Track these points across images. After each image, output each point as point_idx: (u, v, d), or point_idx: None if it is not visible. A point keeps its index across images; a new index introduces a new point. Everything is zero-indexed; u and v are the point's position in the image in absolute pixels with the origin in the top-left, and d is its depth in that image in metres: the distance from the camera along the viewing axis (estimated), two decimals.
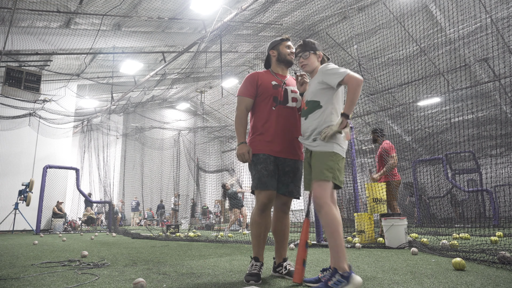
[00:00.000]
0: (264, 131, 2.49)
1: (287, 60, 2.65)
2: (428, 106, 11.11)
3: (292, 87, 2.62)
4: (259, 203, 2.43)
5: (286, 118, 2.52)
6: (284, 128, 2.50)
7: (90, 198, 12.55)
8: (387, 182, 5.32)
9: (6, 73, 9.08)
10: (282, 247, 2.58)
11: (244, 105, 2.55)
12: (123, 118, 15.57)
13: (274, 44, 2.69)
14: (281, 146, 2.47)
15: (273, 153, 2.46)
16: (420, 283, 2.19)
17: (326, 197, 2.10)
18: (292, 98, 2.57)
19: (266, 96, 2.53)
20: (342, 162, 2.20)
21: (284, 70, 2.70)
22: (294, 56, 2.52)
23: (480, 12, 7.65)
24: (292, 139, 2.52)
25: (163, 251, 4.51)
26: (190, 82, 14.04)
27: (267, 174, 2.41)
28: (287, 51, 2.65)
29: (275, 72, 2.67)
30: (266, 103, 2.53)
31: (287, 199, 2.55)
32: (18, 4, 7.45)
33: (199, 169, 12.07)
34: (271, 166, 2.43)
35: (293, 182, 2.52)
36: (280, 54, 2.66)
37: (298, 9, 8.81)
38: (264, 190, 2.41)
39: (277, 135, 2.48)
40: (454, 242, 4.16)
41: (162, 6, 8.90)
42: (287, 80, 2.65)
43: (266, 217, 2.47)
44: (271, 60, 2.71)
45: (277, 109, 2.51)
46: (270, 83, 2.56)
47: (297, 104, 2.60)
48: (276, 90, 2.54)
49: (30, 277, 2.56)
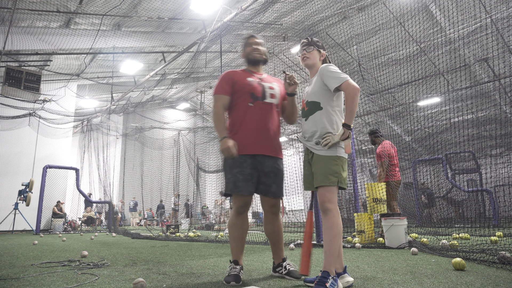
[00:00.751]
0: (241, 129, 2.44)
1: (250, 59, 2.62)
2: (428, 106, 11.11)
3: (269, 84, 2.56)
4: (236, 207, 2.43)
5: (264, 114, 2.47)
6: (262, 124, 2.44)
7: (90, 198, 12.55)
8: (387, 182, 5.33)
9: (6, 73, 9.08)
10: (279, 248, 2.55)
11: (221, 102, 2.48)
12: (123, 118, 15.57)
13: (243, 46, 2.68)
14: (259, 144, 2.42)
15: (250, 151, 2.40)
16: (420, 283, 2.19)
17: (334, 202, 2.11)
18: (270, 94, 2.52)
19: (243, 93, 2.48)
20: (345, 163, 2.20)
21: (257, 68, 2.65)
22: (300, 50, 2.46)
23: (480, 12, 7.65)
24: (270, 136, 2.47)
25: (163, 251, 4.51)
26: (190, 82, 14.03)
27: (243, 178, 2.36)
28: (250, 49, 2.61)
29: (249, 70, 2.64)
30: (243, 100, 2.48)
31: (273, 201, 2.48)
32: (18, 4, 7.45)
33: (199, 169, 12.08)
34: (248, 170, 2.38)
35: (275, 183, 2.46)
36: (246, 54, 2.65)
37: (298, 9, 8.81)
38: (239, 194, 2.39)
39: (255, 132, 2.43)
40: (454, 242, 4.16)
41: (162, 6, 8.90)
42: (264, 77, 2.61)
43: (243, 219, 2.47)
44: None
45: (254, 105, 2.46)
46: (246, 80, 2.52)
47: (275, 101, 2.54)
48: (253, 86, 2.49)
49: (30, 277, 2.56)
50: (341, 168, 2.14)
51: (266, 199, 2.48)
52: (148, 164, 16.87)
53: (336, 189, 2.14)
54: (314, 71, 2.38)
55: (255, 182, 2.43)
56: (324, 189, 2.12)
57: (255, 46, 2.62)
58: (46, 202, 10.78)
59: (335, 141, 2.11)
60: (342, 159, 2.16)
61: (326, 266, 2.01)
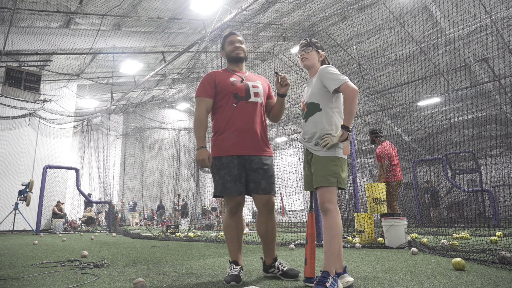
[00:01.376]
0: (226, 130, 2.41)
1: (231, 57, 2.57)
2: (428, 106, 11.11)
3: (252, 83, 2.53)
4: (229, 207, 2.43)
5: (249, 114, 2.43)
6: (248, 124, 2.41)
7: (90, 198, 12.55)
8: (387, 182, 5.33)
9: (6, 73, 9.08)
10: (270, 248, 2.51)
11: (204, 106, 2.44)
12: (123, 118, 15.58)
13: (222, 44, 2.65)
14: (245, 144, 2.39)
15: (237, 152, 2.38)
16: (420, 283, 2.19)
17: (334, 202, 2.11)
18: (254, 93, 2.48)
19: (226, 94, 2.44)
20: (345, 164, 2.20)
21: (240, 66, 2.61)
22: (299, 51, 2.44)
23: (480, 12, 7.65)
24: (256, 135, 2.44)
25: (163, 251, 4.51)
26: (190, 82, 14.04)
27: (231, 179, 2.35)
28: (230, 48, 2.57)
29: (231, 69, 2.60)
30: (226, 101, 2.44)
31: (265, 198, 2.42)
32: (18, 4, 7.46)
33: (199, 169, 12.07)
34: (235, 170, 2.37)
35: (264, 179, 2.41)
36: (226, 53, 2.61)
37: (298, 9, 8.81)
38: (229, 196, 2.39)
39: (241, 132, 2.40)
40: (454, 242, 4.16)
41: (162, 6, 8.90)
42: (246, 76, 2.57)
43: (238, 219, 2.46)
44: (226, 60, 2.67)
45: (238, 105, 2.42)
46: (228, 80, 2.48)
47: (259, 99, 2.51)
48: (236, 86, 2.45)
49: (30, 277, 2.56)
50: (340, 168, 2.15)
51: (258, 197, 2.44)
52: (148, 164, 16.87)
53: (336, 189, 2.14)
54: (313, 72, 2.39)
55: (244, 182, 2.41)
56: (324, 189, 2.13)
57: (237, 44, 2.58)
58: (46, 202, 10.79)
59: (334, 142, 2.12)
60: (341, 160, 2.17)
61: (326, 266, 2.01)
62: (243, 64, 2.64)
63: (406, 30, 8.33)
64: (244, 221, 2.61)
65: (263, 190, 2.41)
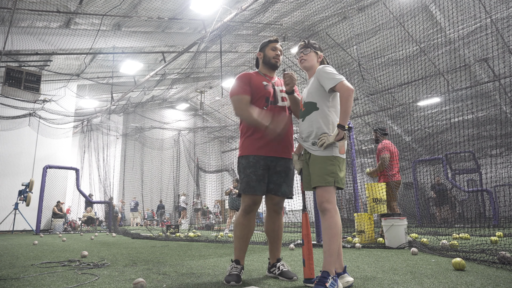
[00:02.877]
0: (256, 131, 2.48)
1: (271, 64, 2.65)
2: (428, 106, 11.10)
3: (280, 87, 2.64)
4: (245, 206, 2.46)
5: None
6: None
7: (91, 198, 12.54)
8: (386, 183, 5.33)
9: (6, 73, 9.08)
10: (276, 248, 2.57)
11: (245, 101, 2.50)
12: (123, 118, 15.57)
13: (262, 46, 2.70)
14: (272, 146, 2.47)
15: (264, 153, 2.46)
16: (420, 283, 2.19)
17: (332, 202, 2.11)
18: (282, 97, 2.59)
19: (259, 97, 2.53)
20: (343, 163, 2.20)
21: (271, 72, 2.70)
22: (297, 52, 2.50)
23: (480, 12, 7.65)
24: (283, 138, 2.52)
25: (163, 251, 4.51)
26: (190, 82, 14.04)
27: (256, 178, 2.42)
28: (272, 54, 2.64)
29: (263, 73, 2.68)
30: (258, 104, 2.52)
31: (279, 199, 2.54)
32: (18, 4, 7.46)
33: (199, 169, 12.07)
34: (260, 170, 2.44)
35: (285, 182, 2.52)
36: (265, 56, 2.66)
37: (298, 9, 8.81)
38: (251, 194, 2.42)
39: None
40: (454, 242, 4.16)
41: (162, 6, 8.90)
42: (275, 81, 2.67)
43: (251, 219, 2.49)
44: (259, 61, 2.72)
45: (268, 109, 2.51)
46: (261, 83, 2.57)
47: (287, 103, 2.60)
48: (267, 91, 2.55)
49: (30, 277, 2.56)
50: (338, 168, 2.15)
51: (273, 197, 2.52)
52: (148, 164, 16.87)
53: (334, 189, 2.14)
54: (312, 72, 2.41)
55: (266, 182, 2.48)
56: (322, 189, 2.13)
57: (279, 52, 2.67)
58: (46, 202, 10.79)
59: (330, 141, 2.12)
60: (339, 159, 2.17)
61: (326, 266, 2.01)
62: (275, 71, 2.74)
63: (406, 30, 8.34)
64: (255, 221, 2.63)
65: (283, 193, 2.51)
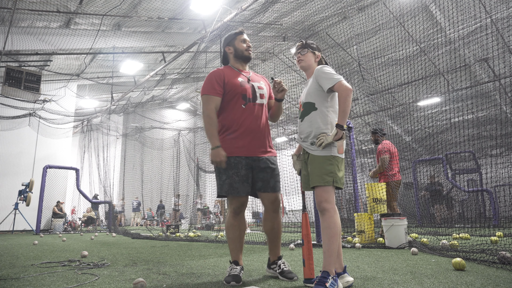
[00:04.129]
0: (235, 130, 2.43)
1: (244, 56, 2.57)
2: (428, 106, 11.10)
3: (257, 83, 2.56)
4: (233, 208, 2.44)
5: (256, 115, 2.47)
6: (256, 126, 2.46)
7: (97, 199, 12.51)
8: (387, 183, 5.33)
9: (6, 73, 9.09)
10: (276, 246, 2.55)
11: (214, 104, 2.43)
12: (123, 118, 15.57)
13: (229, 40, 2.61)
14: (253, 145, 2.44)
15: (245, 153, 2.41)
16: (420, 283, 2.19)
17: (331, 201, 2.11)
18: (260, 94, 2.52)
19: (235, 94, 2.45)
20: (342, 163, 2.19)
21: (244, 65, 2.62)
22: (295, 53, 2.48)
23: (480, 12, 7.65)
24: (263, 137, 2.49)
25: (163, 251, 4.51)
26: (190, 82, 14.04)
27: (239, 179, 2.38)
28: (244, 46, 2.57)
29: (236, 67, 2.59)
30: (235, 102, 2.45)
31: (273, 196, 2.47)
32: (18, 4, 7.46)
33: (199, 169, 12.07)
34: (243, 171, 2.39)
35: (273, 177, 2.46)
36: (236, 50, 2.57)
37: (298, 9, 8.81)
38: (236, 196, 2.39)
39: (249, 134, 2.43)
40: (454, 242, 4.16)
41: (162, 6, 8.90)
42: (251, 76, 2.59)
43: (241, 219, 2.48)
44: (228, 56, 2.64)
45: (247, 107, 2.45)
46: (237, 80, 2.48)
47: (264, 101, 2.55)
48: (244, 87, 2.48)
49: (30, 277, 2.56)
50: (337, 167, 2.14)
51: (266, 195, 2.47)
52: (148, 164, 16.87)
53: (333, 188, 2.14)
54: (310, 72, 2.40)
55: (250, 182, 2.44)
56: (320, 189, 2.13)
57: (249, 43, 2.61)
58: (46, 202, 10.79)
59: (329, 141, 2.12)
60: (338, 159, 2.16)
61: (326, 266, 2.01)
62: (247, 64, 2.68)
63: (406, 30, 8.33)
64: (245, 221, 2.62)
65: (272, 188, 2.46)
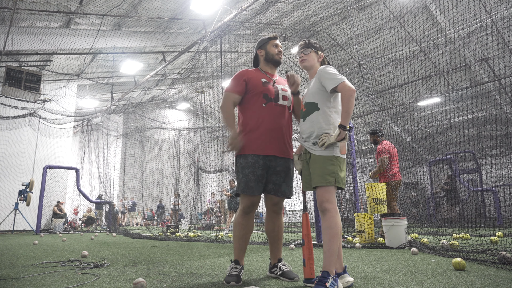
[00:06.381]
0: (254, 129, 2.45)
1: (274, 60, 2.62)
2: (428, 106, 11.10)
3: (282, 86, 2.59)
4: (243, 206, 2.44)
5: (277, 116, 2.48)
6: (275, 126, 2.46)
7: (102, 199, 12.47)
8: (387, 183, 5.33)
9: (6, 73, 9.09)
10: (277, 248, 2.55)
11: (232, 100, 2.51)
12: (123, 118, 15.58)
13: (262, 43, 2.66)
14: (272, 145, 2.44)
15: (263, 152, 2.42)
16: (420, 283, 2.19)
17: (332, 202, 2.11)
18: (283, 96, 2.54)
19: (256, 93, 2.49)
20: (343, 163, 2.19)
21: (273, 69, 2.66)
22: (298, 52, 2.49)
23: (480, 12, 7.65)
24: (283, 138, 2.49)
25: (163, 251, 4.51)
26: (190, 82, 14.04)
27: (255, 179, 2.38)
28: (275, 51, 2.62)
29: (264, 70, 2.64)
30: (256, 100, 2.49)
31: (278, 199, 2.50)
32: (18, 4, 7.46)
33: (199, 169, 12.07)
34: (259, 171, 2.40)
35: (285, 182, 2.48)
36: (267, 53, 2.63)
37: (298, 9, 8.81)
38: (249, 195, 2.40)
39: (268, 133, 2.44)
40: (454, 242, 4.16)
41: (162, 6, 8.90)
42: (277, 79, 2.62)
43: (249, 219, 2.47)
44: (259, 59, 2.68)
45: (267, 106, 2.47)
46: (259, 80, 2.52)
47: (288, 103, 2.56)
48: (266, 87, 2.51)
49: (30, 277, 2.56)
50: (339, 168, 2.14)
51: (272, 197, 2.49)
52: (148, 164, 16.87)
53: (334, 189, 2.14)
54: (313, 72, 2.40)
55: (265, 183, 2.45)
56: (322, 189, 2.13)
57: (281, 49, 2.66)
58: (46, 202, 10.79)
59: (331, 141, 2.11)
60: (339, 159, 2.16)
61: (326, 266, 2.01)
62: (276, 69, 2.72)
63: (406, 30, 8.33)
64: (253, 222, 2.62)
65: (283, 193, 2.48)
